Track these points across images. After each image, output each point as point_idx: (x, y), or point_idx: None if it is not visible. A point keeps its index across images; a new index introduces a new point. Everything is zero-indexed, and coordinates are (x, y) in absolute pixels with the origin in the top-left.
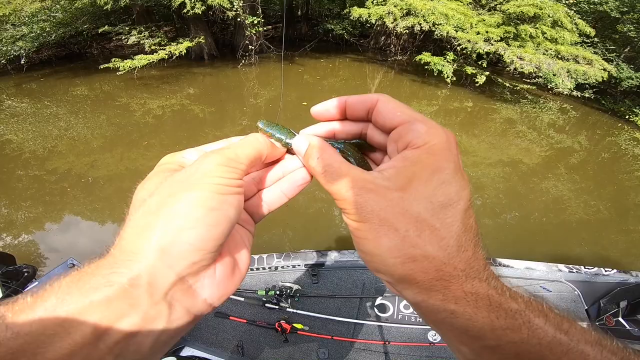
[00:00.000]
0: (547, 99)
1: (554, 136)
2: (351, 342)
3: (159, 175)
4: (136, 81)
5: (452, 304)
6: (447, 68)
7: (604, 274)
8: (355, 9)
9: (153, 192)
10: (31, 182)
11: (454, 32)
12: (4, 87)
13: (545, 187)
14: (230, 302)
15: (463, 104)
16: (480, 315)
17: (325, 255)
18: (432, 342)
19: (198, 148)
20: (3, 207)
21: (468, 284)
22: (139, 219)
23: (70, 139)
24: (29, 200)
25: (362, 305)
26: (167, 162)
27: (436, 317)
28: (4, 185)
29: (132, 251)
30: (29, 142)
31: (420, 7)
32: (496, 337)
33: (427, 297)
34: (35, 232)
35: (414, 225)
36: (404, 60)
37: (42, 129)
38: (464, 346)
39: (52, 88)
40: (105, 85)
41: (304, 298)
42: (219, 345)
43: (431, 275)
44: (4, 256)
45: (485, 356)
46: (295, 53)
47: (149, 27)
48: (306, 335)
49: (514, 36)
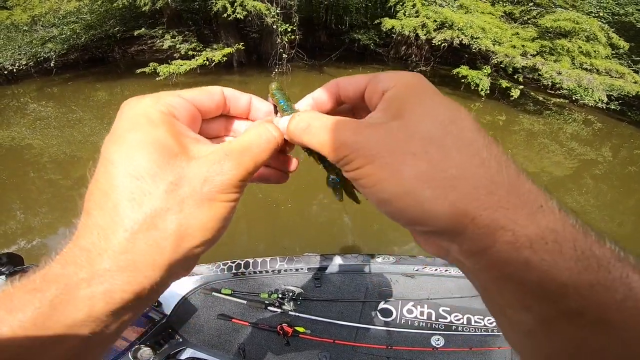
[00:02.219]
0: (571, 110)
1: (578, 148)
2: (353, 347)
3: (150, 154)
4: (171, 87)
5: (527, 248)
6: (484, 82)
7: None
8: (388, 21)
9: (150, 190)
10: (46, 186)
11: (492, 45)
12: (27, 91)
13: (574, 199)
14: (233, 305)
15: (495, 117)
16: (564, 265)
17: (329, 259)
18: (435, 347)
19: (182, 97)
20: (18, 210)
21: (540, 217)
22: (140, 231)
23: (93, 144)
24: (44, 205)
25: (365, 309)
26: (152, 123)
27: (504, 269)
28: (18, 188)
29: (136, 268)
30: (53, 147)
31: (457, 21)
32: (581, 297)
33: (493, 240)
34: (46, 235)
35: (429, 144)
36: (427, 71)
37: (66, 134)
38: (528, 312)
39: (75, 92)
40: (126, 91)
41: (307, 301)
42: (220, 348)
43: (484, 201)
44: (12, 257)
45: (557, 322)
46: (322, 62)
47: (181, 32)
48: (308, 339)
49: (549, 50)
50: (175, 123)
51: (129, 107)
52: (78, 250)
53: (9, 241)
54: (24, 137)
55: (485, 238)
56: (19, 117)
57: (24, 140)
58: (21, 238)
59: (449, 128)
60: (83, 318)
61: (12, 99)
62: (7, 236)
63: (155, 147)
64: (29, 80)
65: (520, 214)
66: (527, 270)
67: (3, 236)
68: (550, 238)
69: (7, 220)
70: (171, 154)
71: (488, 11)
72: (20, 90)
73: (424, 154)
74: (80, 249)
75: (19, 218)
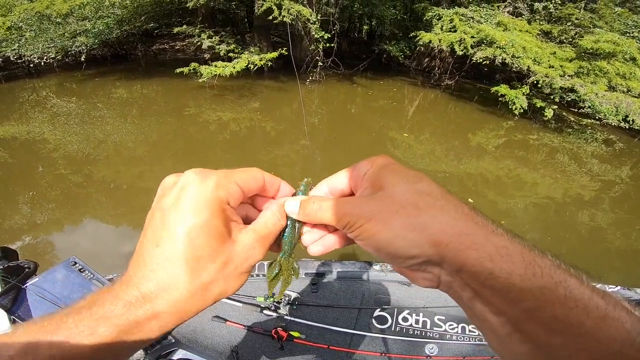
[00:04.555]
0: (594, 129)
1: (600, 167)
2: (347, 353)
3: (209, 238)
4: (208, 90)
5: (488, 260)
6: (522, 101)
7: (621, 292)
8: (425, 34)
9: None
10: (57, 181)
11: (533, 65)
12: (47, 84)
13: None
14: (229, 307)
15: (526, 136)
16: (517, 271)
17: (326, 265)
18: (429, 356)
19: (238, 184)
20: (25, 204)
21: (494, 237)
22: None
23: (113, 144)
24: (52, 202)
25: (361, 316)
26: (214, 211)
27: (477, 281)
28: (28, 182)
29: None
30: (73, 144)
31: (499, 39)
32: (534, 297)
33: (464, 258)
34: (47, 231)
35: (408, 204)
36: (452, 84)
37: (84, 131)
38: (501, 316)
39: (96, 89)
40: (145, 89)
41: (302, 306)
42: (213, 350)
43: (453, 231)
44: (7, 251)
45: (524, 323)
46: (350, 72)
47: (217, 32)
48: (302, 344)
49: (587, 71)
50: (228, 210)
51: (193, 185)
52: (140, 295)
53: (13, 236)
54: (42, 132)
55: (459, 257)
56: (37, 111)
57: (41, 134)
58: (26, 235)
59: (416, 189)
60: (140, 341)
61: (32, 92)
62: (13, 231)
63: (213, 235)
64: (50, 74)
65: (479, 237)
66: (493, 278)
67: (9, 231)
68: (503, 252)
69: (14, 215)
70: (223, 240)
71: (525, 29)
72: (41, 84)
73: (404, 211)
74: (142, 294)
75: (26, 212)
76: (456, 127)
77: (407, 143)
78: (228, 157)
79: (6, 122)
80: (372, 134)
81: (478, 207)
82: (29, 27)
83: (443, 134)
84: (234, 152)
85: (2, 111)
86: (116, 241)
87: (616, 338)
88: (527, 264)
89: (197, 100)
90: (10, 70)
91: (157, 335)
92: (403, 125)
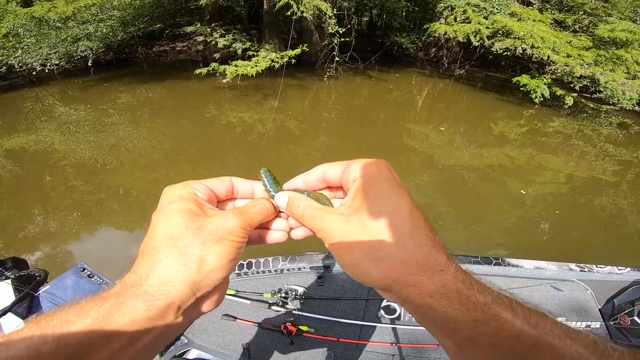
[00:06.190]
0: (608, 113)
1: (614, 150)
2: (357, 344)
3: (182, 215)
4: (228, 91)
5: (428, 297)
6: (543, 90)
7: (617, 273)
8: (439, 26)
9: (182, 234)
10: (70, 192)
11: (553, 55)
12: (50, 92)
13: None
14: (238, 305)
15: (546, 124)
16: (452, 307)
17: (331, 257)
18: (439, 344)
19: (203, 183)
20: (38, 214)
21: (437, 278)
22: (175, 258)
23: (126, 150)
24: (63, 210)
25: (369, 307)
26: (183, 198)
27: (420, 312)
28: (37, 193)
29: (171, 283)
30: (82, 152)
31: (517, 29)
32: (469, 328)
33: (407, 293)
34: (59, 239)
35: (373, 234)
36: (462, 74)
37: (99, 139)
38: (447, 339)
39: (101, 95)
40: (150, 93)
41: (310, 300)
42: (225, 348)
43: (402, 270)
44: (17, 261)
45: (466, 348)
46: (362, 65)
47: (229, 30)
48: (312, 338)
49: (605, 60)
50: (198, 199)
51: (168, 191)
52: (134, 275)
53: (26, 245)
54: (51, 142)
55: (404, 291)
56: (44, 121)
57: (51, 145)
58: (38, 243)
59: (389, 220)
60: (127, 323)
61: (36, 101)
62: (27, 240)
63: (186, 211)
64: (53, 82)
65: (424, 277)
66: (433, 310)
67: (23, 240)
68: (442, 290)
69: (25, 224)
70: (196, 214)
71: (538, 19)
72: (44, 92)
73: (368, 242)
74: (135, 274)
75: (38, 222)
76: (475, 116)
77: (444, 138)
78: (247, 159)
79: (14, 134)
80: (404, 127)
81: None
82: (28, 32)
83: (469, 123)
84: (253, 152)
85: (9, 122)
86: (128, 246)
87: None
88: (463, 301)
89: (218, 102)
90: (12, 80)
91: (145, 315)
92: (431, 118)
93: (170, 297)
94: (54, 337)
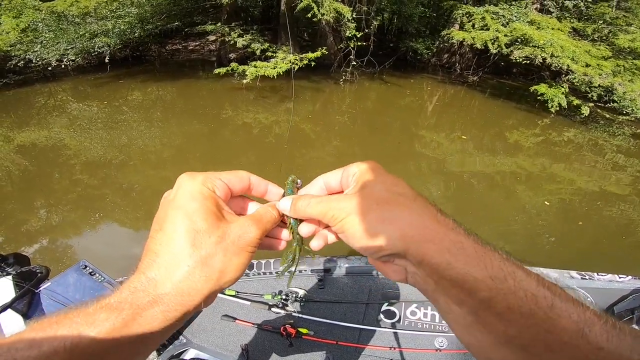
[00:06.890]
0: (621, 124)
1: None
2: (356, 348)
3: (205, 218)
4: (245, 92)
5: (446, 252)
6: (562, 99)
7: (618, 280)
8: (457, 33)
9: (205, 242)
10: (72, 186)
11: (572, 64)
12: (64, 88)
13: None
14: (238, 306)
15: (562, 134)
16: (471, 264)
17: (333, 261)
18: (439, 349)
19: (222, 179)
20: (42, 208)
21: (452, 233)
22: (197, 268)
23: (138, 148)
24: (67, 204)
25: (368, 311)
26: (205, 197)
27: (437, 272)
28: (45, 187)
29: (189, 294)
30: (93, 150)
31: (537, 38)
32: (488, 287)
33: (425, 250)
34: (62, 235)
35: (383, 201)
36: (476, 80)
37: (112, 136)
38: (463, 306)
39: (114, 92)
40: (161, 91)
41: (310, 303)
42: (224, 348)
43: (418, 225)
44: (19, 257)
45: (483, 313)
46: (377, 70)
47: (247, 30)
48: (311, 340)
49: (624, 70)
50: (217, 198)
51: (187, 181)
52: (145, 280)
53: (29, 240)
54: (62, 138)
55: (421, 248)
56: (55, 116)
57: (61, 140)
58: (40, 239)
59: (392, 190)
60: (144, 333)
61: (49, 97)
62: (31, 235)
63: (208, 214)
64: (66, 78)
65: (439, 232)
66: (451, 268)
67: (26, 235)
68: (459, 245)
69: (31, 220)
70: (218, 219)
71: (557, 27)
72: (57, 88)
73: (378, 206)
74: (148, 279)
75: (43, 217)
76: (489, 124)
77: (463, 146)
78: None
79: (26, 128)
80: (417, 134)
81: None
82: (47, 27)
83: (482, 131)
84: (267, 154)
85: (21, 117)
86: (131, 244)
87: (566, 328)
88: (480, 257)
89: (235, 103)
90: (27, 74)
91: (161, 326)
92: (450, 125)
93: (187, 307)
94: (65, 348)
